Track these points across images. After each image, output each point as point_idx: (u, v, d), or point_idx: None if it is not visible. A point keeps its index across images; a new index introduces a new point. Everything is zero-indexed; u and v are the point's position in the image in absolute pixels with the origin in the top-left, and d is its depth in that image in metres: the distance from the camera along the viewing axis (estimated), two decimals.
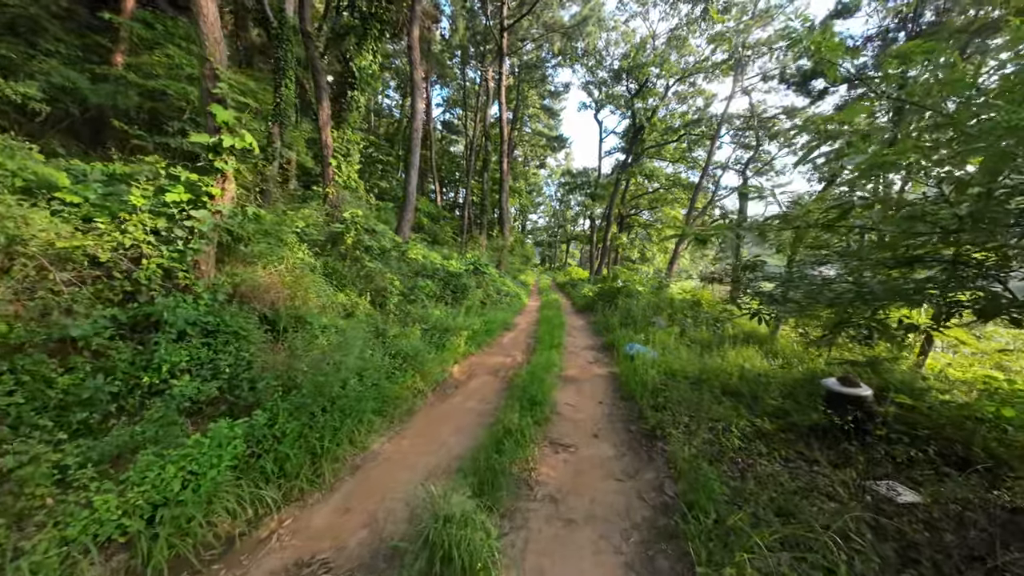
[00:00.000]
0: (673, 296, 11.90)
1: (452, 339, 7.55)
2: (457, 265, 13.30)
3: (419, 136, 15.63)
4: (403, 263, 11.72)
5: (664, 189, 29.68)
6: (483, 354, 8.06)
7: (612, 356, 8.25)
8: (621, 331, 9.37)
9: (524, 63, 30.03)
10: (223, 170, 4.11)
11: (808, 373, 5.62)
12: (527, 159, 42.69)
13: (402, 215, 15.02)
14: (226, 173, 4.15)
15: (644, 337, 8.19)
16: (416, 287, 10.17)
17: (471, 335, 8.28)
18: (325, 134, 10.51)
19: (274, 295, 5.18)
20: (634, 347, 8.04)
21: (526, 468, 3.42)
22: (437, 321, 8.21)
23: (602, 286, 17.12)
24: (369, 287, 8.73)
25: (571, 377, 6.68)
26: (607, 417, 4.85)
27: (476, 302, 10.69)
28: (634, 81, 25.29)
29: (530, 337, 9.85)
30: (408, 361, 5.74)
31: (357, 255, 9.20)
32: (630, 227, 38.47)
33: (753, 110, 20.93)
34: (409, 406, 4.84)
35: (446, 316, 8.80)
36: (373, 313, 7.85)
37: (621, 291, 14.33)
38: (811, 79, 13.75)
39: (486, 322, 9.56)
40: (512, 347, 8.80)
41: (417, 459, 3.67)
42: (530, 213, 56.21)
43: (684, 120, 26.08)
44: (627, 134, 28.57)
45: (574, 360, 7.93)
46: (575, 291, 21.68)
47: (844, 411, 4.00)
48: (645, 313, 10.17)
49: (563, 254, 64.71)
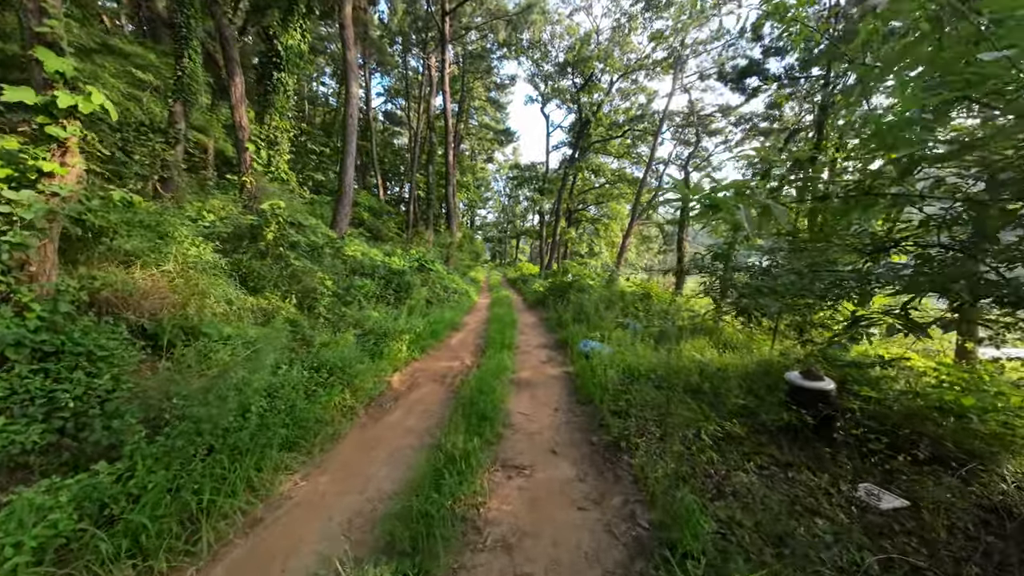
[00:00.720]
0: (624, 289, 11.82)
1: (392, 344, 6.75)
2: (400, 262, 12.36)
3: (355, 123, 14.42)
4: (338, 261, 10.63)
5: (610, 184, 30.16)
6: (428, 358, 7.32)
7: (566, 354, 7.85)
8: (574, 327, 9.00)
9: (469, 53, 29.12)
10: (62, 140, 3.07)
11: (764, 364, 5.50)
12: (474, 153, 41.82)
13: (338, 209, 13.81)
14: (67, 144, 3.11)
15: (599, 335, 7.85)
16: (352, 287, 9.19)
17: (414, 338, 7.51)
18: (239, 114, 9.17)
19: (156, 302, 4.15)
20: (588, 344, 7.68)
21: (473, 504, 2.81)
22: (375, 324, 7.36)
23: (553, 281, 16.85)
24: (295, 288, 7.69)
25: (524, 380, 6.15)
26: (565, 426, 4.35)
27: (421, 301, 9.88)
28: (579, 75, 25.30)
29: (480, 337, 9.23)
30: (336, 374, 4.90)
31: (280, 252, 8.08)
32: (578, 222, 38.90)
33: (692, 107, 21.62)
34: (334, 430, 4.05)
35: (386, 318, 7.95)
36: (299, 318, 6.86)
37: (572, 286, 14.08)
38: (746, 76, 14.25)
39: (432, 323, 8.80)
40: (461, 349, 8.13)
41: (337, 501, 2.94)
42: (479, 208, 55.39)
43: (628, 116, 26.55)
44: (573, 128, 28.64)
45: (527, 360, 7.42)
46: (526, 287, 21.33)
47: (809, 406, 3.78)
48: (597, 308, 9.90)
49: (513, 250, 64.55)
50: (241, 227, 8.17)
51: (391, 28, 29.60)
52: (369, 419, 4.53)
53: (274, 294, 7.26)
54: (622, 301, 10.59)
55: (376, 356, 6.19)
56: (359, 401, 4.75)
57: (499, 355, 6.88)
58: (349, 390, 4.75)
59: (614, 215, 34.21)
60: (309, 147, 23.69)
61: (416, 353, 7.20)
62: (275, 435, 3.37)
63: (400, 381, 5.93)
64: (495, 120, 39.16)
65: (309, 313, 7.46)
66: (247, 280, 7.25)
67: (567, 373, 6.62)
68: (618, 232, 35.80)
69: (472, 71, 30.47)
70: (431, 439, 3.90)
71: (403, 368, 6.50)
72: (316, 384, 4.51)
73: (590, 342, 7.79)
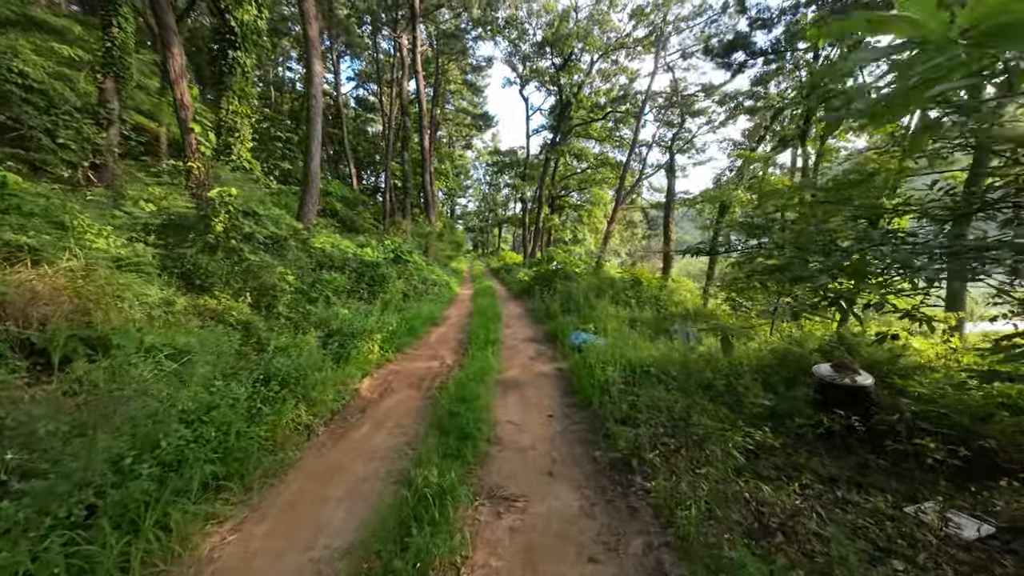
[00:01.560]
0: (612, 276, 11.24)
1: (362, 345, 5.98)
2: (374, 254, 11.49)
3: (319, 105, 13.31)
4: (304, 253, 9.70)
5: (593, 168, 29.51)
6: (405, 359, 6.59)
7: (556, 348, 7.22)
8: (563, 318, 8.37)
9: (442, 32, 27.77)
10: None
11: (777, 354, 4.96)
12: (452, 140, 40.51)
13: (305, 198, 12.75)
14: None
15: (593, 327, 7.24)
16: (319, 282, 8.33)
17: (388, 336, 6.74)
18: (180, 90, 8.07)
19: (47, 308, 3.30)
20: (580, 336, 7.06)
21: (452, 564, 2.13)
22: (344, 323, 6.56)
23: (538, 270, 16.20)
24: (250, 285, 6.82)
25: (512, 380, 5.49)
26: (562, 437, 3.71)
27: (396, 296, 9.08)
28: (558, 55, 24.39)
29: (462, 331, 8.51)
30: (290, 385, 4.13)
31: (233, 245, 7.16)
32: (561, 208, 38.23)
33: (675, 86, 21.02)
34: (283, 457, 3.31)
35: (356, 315, 7.14)
36: (253, 319, 6.02)
37: (558, 274, 13.45)
38: (732, 50, 13.68)
39: (408, 318, 8.03)
40: (441, 346, 7.41)
41: (271, 567, 2.23)
42: (459, 197, 54.13)
43: (610, 97, 25.82)
44: (554, 111, 27.79)
45: (514, 357, 6.75)
46: (510, 276, 20.64)
47: (845, 405, 3.23)
48: (587, 296, 9.29)
49: (496, 239, 63.59)
50: (187, 218, 7.22)
51: (358, 6, 27.98)
52: (330, 438, 3.80)
53: (225, 293, 6.39)
54: (612, 288, 10.00)
55: (342, 360, 5.42)
56: (318, 417, 4.00)
57: (483, 352, 6.20)
58: (305, 404, 4.00)
59: (597, 201, 33.65)
60: (274, 134, 22.22)
61: (391, 353, 6.45)
62: (196, 474, 2.62)
63: (371, 388, 5.19)
64: (472, 104, 37.88)
65: (268, 313, 6.62)
66: (192, 278, 6.36)
67: (559, 370, 5.98)
68: (602, 218, 35.29)
69: (447, 52, 29.14)
70: (403, 463, 3.21)
71: (375, 372, 5.75)
72: (263, 400, 3.74)
73: (582, 334, 7.17)
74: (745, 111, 16.68)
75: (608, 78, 27.51)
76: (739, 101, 17.23)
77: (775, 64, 14.98)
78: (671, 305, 9.74)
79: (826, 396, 3.42)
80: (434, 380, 5.47)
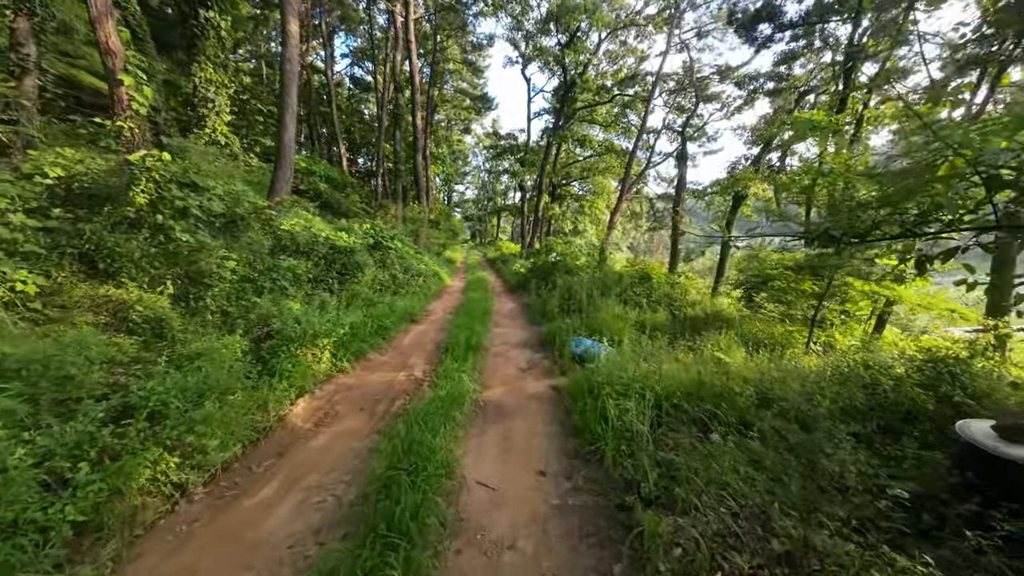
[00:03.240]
0: (619, 271, 9.90)
1: (306, 352, 4.68)
2: (349, 239, 10.11)
3: (295, 69, 11.83)
4: (268, 235, 8.34)
5: (597, 156, 27.99)
6: (365, 368, 5.28)
7: (553, 356, 5.93)
8: (563, 320, 7.07)
9: (440, 5, 25.98)
10: None
11: (853, 379, 3.67)
12: (450, 123, 38.79)
13: (276, 173, 11.37)
14: None
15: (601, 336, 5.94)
16: (275, 269, 6.98)
17: (345, 338, 5.43)
18: (104, 32, 6.61)
19: None
20: (582, 344, 5.76)
21: None
22: (289, 321, 5.24)
23: (535, 261, 14.86)
24: (175, 271, 5.51)
25: (494, 405, 4.20)
26: (559, 524, 2.42)
27: (365, 288, 7.72)
28: (564, 32, 22.75)
29: (443, 331, 7.21)
30: (161, 422, 2.82)
31: (160, 221, 5.80)
32: (562, 198, 36.73)
33: (690, 66, 19.48)
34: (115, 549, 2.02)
35: (310, 311, 5.82)
36: (169, 316, 4.71)
37: (557, 266, 12.12)
38: (758, 22, 12.22)
39: (377, 316, 6.70)
40: (414, 351, 6.10)
41: None
42: (456, 184, 52.46)
43: (617, 79, 24.21)
44: (557, 92, 26.18)
45: (501, 368, 5.45)
46: (506, 267, 19.30)
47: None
48: (591, 293, 7.97)
49: (494, 228, 62.05)
50: (107, 187, 5.88)
51: None
52: (206, 509, 2.50)
53: (140, 279, 5.08)
54: (619, 284, 8.68)
55: (274, 375, 4.11)
56: (199, 472, 2.70)
57: (462, 364, 4.90)
58: (180, 452, 2.70)
59: (600, 190, 32.21)
60: (256, 107, 20.63)
61: (346, 361, 5.12)
62: None
63: (306, 413, 3.89)
64: (472, 86, 36.13)
65: (196, 306, 5.30)
66: (95, 260, 5.04)
67: (555, 389, 4.69)
68: (604, 209, 33.86)
69: (445, 28, 27.37)
70: None
71: (319, 388, 4.44)
72: (101, 450, 2.44)
73: (584, 340, 5.87)
74: (766, 94, 15.23)
75: (615, 60, 25.88)
76: (760, 83, 15.76)
77: (802, 41, 13.51)
78: (686, 306, 8.45)
79: (986, 475, 2.13)
80: (393, 402, 4.18)
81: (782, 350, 6.05)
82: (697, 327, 7.19)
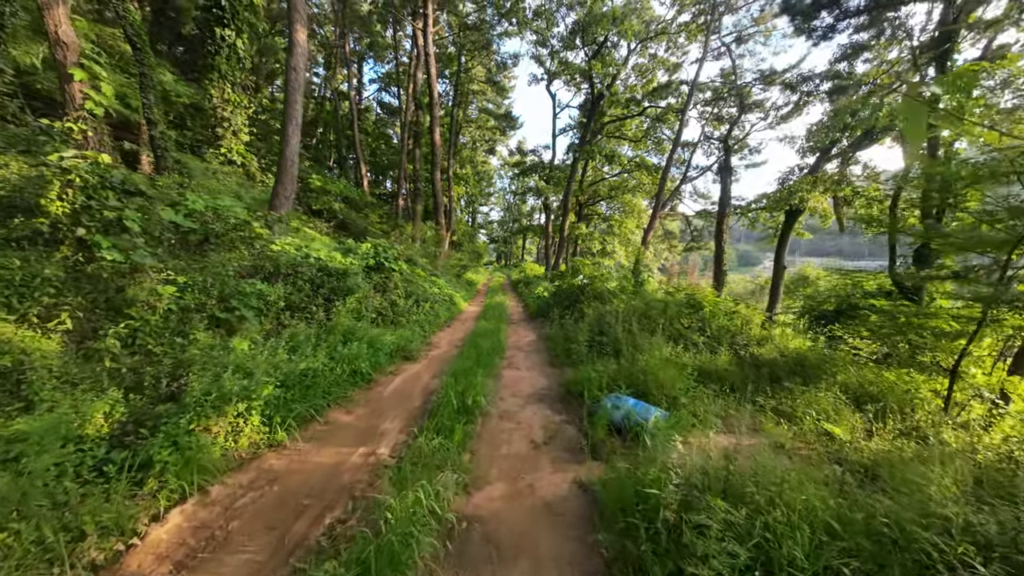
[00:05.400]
0: (663, 297, 8.05)
1: (218, 420, 3.22)
2: (345, 259, 8.85)
3: (300, 80, 10.94)
4: (251, 255, 7.15)
5: (627, 172, 26.39)
6: (311, 437, 3.76)
7: (580, 421, 4.25)
8: (592, 363, 5.40)
9: (464, 24, 25.62)
10: None
11: None
12: (475, 144, 38.33)
13: (276, 188, 10.39)
14: None
15: (642, 384, 4.25)
16: (237, 296, 5.68)
17: (288, 397, 3.95)
18: (53, 19, 5.71)
19: None
20: (622, 404, 4.05)
21: None
22: (216, 370, 3.82)
23: (559, 284, 13.22)
24: (79, 300, 4.28)
25: (485, 528, 2.55)
26: None
27: (345, 318, 6.28)
28: (590, 43, 21.68)
29: (442, 373, 5.67)
30: None
31: (83, 235, 4.63)
32: (589, 218, 35.14)
33: (733, 69, 17.82)
34: None
35: (254, 354, 4.41)
36: (47, 360, 3.40)
37: (585, 291, 10.46)
38: (818, 9, 10.55)
39: (350, 357, 5.22)
40: (392, 407, 4.54)
41: None
42: (480, 205, 51.92)
43: (647, 90, 22.79)
44: (584, 107, 25.02)
45: (505, 442, 3.79)
46: (528, 290, 17.76)
47: None
48: (629, 325, 6.26)
49: (519, 250, 60.91)
50: (22, 195, 4.79)
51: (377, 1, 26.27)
52: None
53: (27, 309, 3.84)
54: (664, 315, 6.91)
55: (149, 466, 2.66)
56: None
57: (445, 442, 3.32)
58: None
59: (630, 209, 30.45)
60: (275, 126, 20.38)
61: (284, 430, 3.61)
62: None
63: (173, 538, 2.38)
64: (496, 105, 35.64)
65: (96, 348, 3.99)
66: None
67: (584, 489, 3.00)
68: (634, 228, 31.98)
69: (468, 46, 26.94)
70: None
71: (220, 483, 2.93)
72: None
73: (624, 399, 4.17)
74: (828, 93, 13.34)
75: (644, 73, 24.57)
76: (815, 84, 13.89)
77: (871, 31, 11.68)
78: (752, 343, 6.57)
79: None
80: (324, 515, 2.61)
81: (902, 412, 4.20)
82: (776, 375, 5.35)
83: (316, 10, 29.53)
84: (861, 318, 7.35)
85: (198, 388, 3.38)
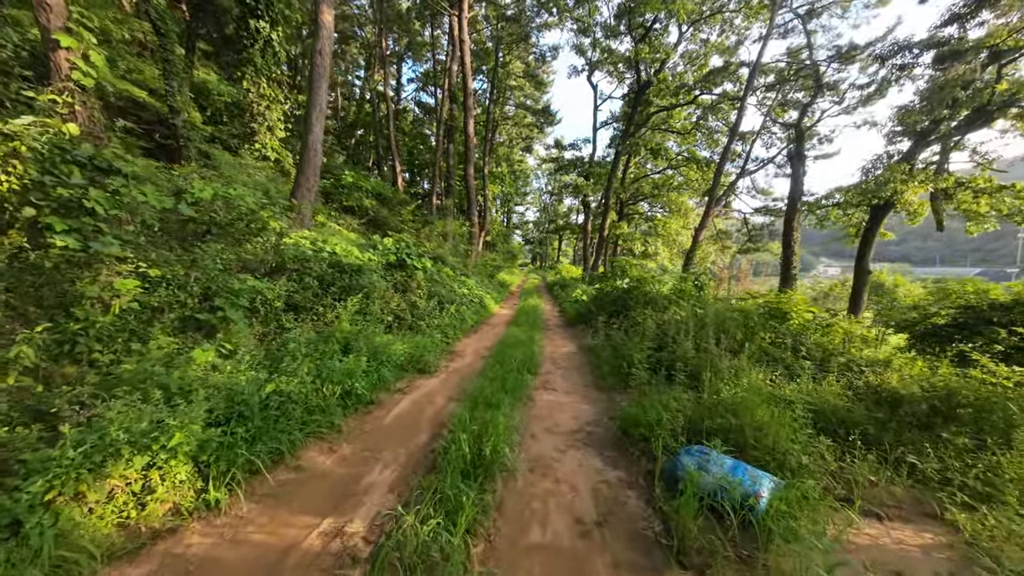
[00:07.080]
0: (739, 306, 6.44)
1: (121, 475, 2.21)
2: (363, 255, 7.92)
3: (325, 64, 10.19)
4: (251, 246, 6.33)
5: (674, 168, 24.42)
6: (263, 496, 2.67)
7: (643, 481, 2.95)
8: (655, 389, 4.06)
9: (502, 15, 24.62)
10: None
11: None
12: (511, 141, 37.32)
13: (299, 178, 9.72)
14: None
15: (733, 426, 2.87)
16: (223, 293, 4.77)
17: (234, 437, 2.91)
18: None
19: None
20: (712, 465, 2.69)
21: None
22: (135, 400, 2.83)
23: (601, 286, 11.78)
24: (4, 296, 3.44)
25: None
26: None
27: (345, 323, 5.22)
28: (639, 27, 20.03)
29: (458, 397, 4.51)
30: None
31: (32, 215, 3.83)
32: (630, 217, 33.17)
33: (810, 44, 15.69)
34: None
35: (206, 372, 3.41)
36: None
37: (632, 294, 9.02)
38: None
39: (346, 371, 4.14)
40: (388, 447, 3.40)
41: None
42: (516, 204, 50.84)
43: (698, 76, 20.82)
44: (628, 96, 23.32)
45: (534, 527, 2.47)
46: (565, 293, 16.38)
47: None
48: (700, 343, 4.84)
49: (555, 251, 59.32)
50: None
51: None
52: None
53: None
54: (745, 326, 5.40)
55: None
56: None
57: (446, 521, 2.16)
58: None
59: (676, 208, 28.33)
60: None
61: (227, 482, 2.56)
62: None
63: None
64: (534, 100, 34.43)
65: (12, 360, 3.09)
66: None
67: None
68: (679, 229, 29.76)
69: (506, 39, 25.90)
70: None
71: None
72: None
73: (717, 458, 2.78)
74: (934, 62, 11.12)
75: (694, 60, 22.54)
76: (914, 54, 11.68)
77: None
78: (867, 368, 4.93)
79: None
80: None
81: None
82: (922, 418, 3.77)
83: (356, 11, 29.57)
84: (988, 335, 5.53)
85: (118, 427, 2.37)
